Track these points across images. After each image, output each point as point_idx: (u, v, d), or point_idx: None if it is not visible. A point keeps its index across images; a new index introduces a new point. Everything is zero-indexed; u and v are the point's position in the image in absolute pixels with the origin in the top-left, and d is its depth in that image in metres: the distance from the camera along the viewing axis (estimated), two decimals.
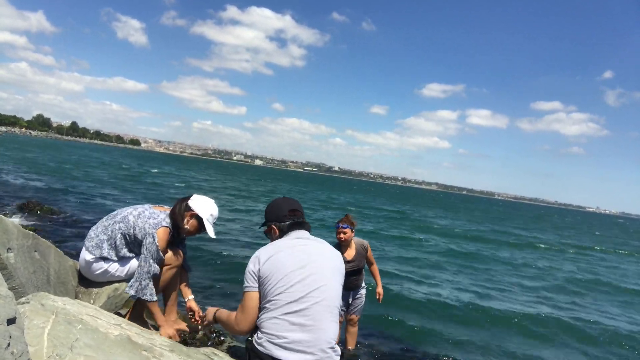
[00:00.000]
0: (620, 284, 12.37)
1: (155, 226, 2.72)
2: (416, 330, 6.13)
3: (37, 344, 1.55)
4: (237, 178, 54.97)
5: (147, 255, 2.68)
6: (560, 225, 46.38)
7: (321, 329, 2.12)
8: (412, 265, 11.12)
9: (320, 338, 2.11)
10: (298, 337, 2.08)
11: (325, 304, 2.17)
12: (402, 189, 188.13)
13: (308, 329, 2.10)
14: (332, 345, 2.17)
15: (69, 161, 36.05)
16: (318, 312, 2.14)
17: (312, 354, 2.08)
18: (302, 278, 2.17)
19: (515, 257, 15.34)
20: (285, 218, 2.38)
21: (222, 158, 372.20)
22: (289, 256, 2.24)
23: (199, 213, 2.82)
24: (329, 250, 2.38)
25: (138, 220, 2.77)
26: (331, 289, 2.24)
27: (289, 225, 2.38)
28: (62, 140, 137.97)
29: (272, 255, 2.24)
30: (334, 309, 2.22)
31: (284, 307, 2.12)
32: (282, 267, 2.19)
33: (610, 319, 8.31)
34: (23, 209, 10.01)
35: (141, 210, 2.83)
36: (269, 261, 2.22)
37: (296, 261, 2.22)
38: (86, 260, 2.86)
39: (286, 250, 2.27)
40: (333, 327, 2.19)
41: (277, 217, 2.41)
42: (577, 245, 23.18)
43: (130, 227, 2.77)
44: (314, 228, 3.73)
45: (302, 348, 2.07)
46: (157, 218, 2.78)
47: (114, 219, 2.85)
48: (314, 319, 2.12)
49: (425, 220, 27.11)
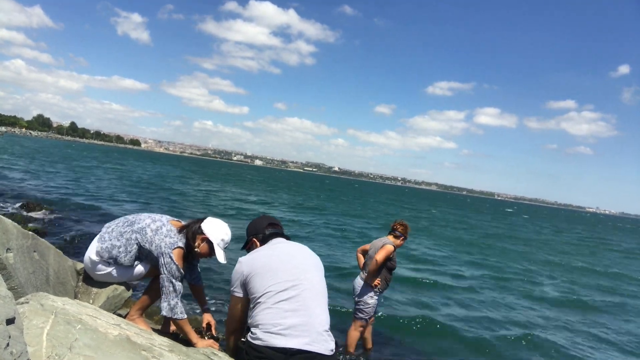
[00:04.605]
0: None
1: (171, 246, 2.71)
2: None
3: (36, 344, 1.55)
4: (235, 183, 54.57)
5: (168, 276, 2.66)
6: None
7: (313, 313, 2.23)
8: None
9: (313, 322, 2.21)
10: (292, 322, 2.17)
11: (315, 291, 2.31)
12: (401, 189, 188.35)
13: (301, 314, 2.20)
14: (326, 329, 2.26)
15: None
16: (308, 297, 2.25)
17: (309, 337, 2.16)
18: (288, 269, 2.31)
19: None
20: (264, 230, 2.55)
21: (222, 158, 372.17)
22: (272, 254, 2.39)
23: (210, 237, 2.80)
24: (308, 250, 2.54)
25: (155, 237, 2.76)
26: (317, 278, 2.39)
27: (269, 234, 2.53)
28: (62, 141, 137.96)
29: (256, 257, 2.39)
30: (322, 297, 2.35)
31: (275, 296, 2.22)
32: (267, 263, 2.33)
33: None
34: (23, 208, 10.01)
35: (159, 225, 2.81)
36: (253, 261, 2.36)
37: (280, 257, 2.37)
38: (92, 260, 2.87)
39: (268, 250, 2.44)
40: (324, 313, 2.30)
41: (257, 230, 2.58)
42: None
43: (146, 241, 2.78)
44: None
45: (298, 332, 2.15)
46: (173, 237, 2.76)
47: (131, 228, 2.84)
48: (305, 305, 2.23)
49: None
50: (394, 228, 4.73)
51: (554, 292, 10.41)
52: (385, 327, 5.99)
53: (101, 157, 53.74)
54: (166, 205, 16.44)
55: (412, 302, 7.65)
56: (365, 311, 4.63)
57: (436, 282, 9.47)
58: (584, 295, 10.53)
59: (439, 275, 10.32)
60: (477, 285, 9.85)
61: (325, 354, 2.18)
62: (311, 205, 27.69)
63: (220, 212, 16.55)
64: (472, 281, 10.28)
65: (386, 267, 4.58)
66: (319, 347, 2.16)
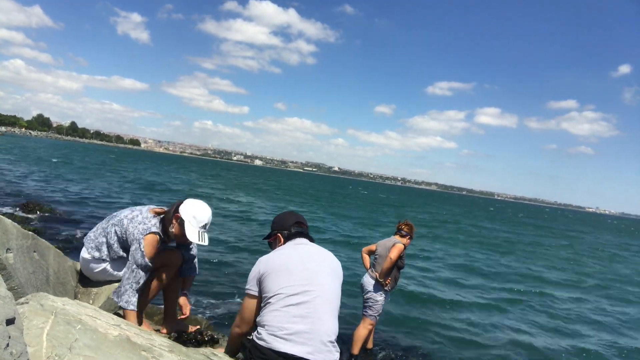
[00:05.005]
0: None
1: (143, 232, 2.68)
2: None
3: (36, 344, 1.55)
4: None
5: (130, 262, 2.65)
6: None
7: (321, 320, 2.19)
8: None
9: (320, 330, 2.17)
10: (298, 328, 2.13)
11: (326, 298, 2.25)
12: (401, 189, 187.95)
13: (308, 321, 2.16)
14: (332, 340, 2.22)
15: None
16: (319, 304, 2.21)
17: (312, 346, 2.12)
18: (304, 273, 2.27)
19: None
20: (290, 227, 2.50)
21: (221, 158, 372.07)
22: (292, 254, 2.35)
23: (182, 216, 2.71)
24: (329, 255, 2.49)
25: (130, 225, 2.74)
26: (331, 286, 2.33)
27: (294, 233, 2.49)
28: (62, 141, 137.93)
29: (274, 256, 2.36)
30: (334, 305, 2.29)
31: (285, 299, 2.19)
32: (285, 263, 2.29)
33: None
34: (23, 209, 10.01)
35: (136, 214, 2.79)
36: (271, 260, 2.33)
37: (298, 258, 2.33)
38: (84, 259, 2.92)
39: (288, 250, 2.40)
40: (332, 322, 2.24)
41: (282, 226, 2.53)
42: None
43: (123, 231, 2.77)
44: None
45: (302, 340, 2.12)
46: (147, 223, 2.72)
47: (111, 221, 2.86)
48: (315, 311, 2.19)
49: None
50: (400, 228, 4.89)
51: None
52: (386, 327, 5.99)
53: (112, 161, 49.87)
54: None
55: (416, 304, 7.64)
56: (374, 308, 4.73)
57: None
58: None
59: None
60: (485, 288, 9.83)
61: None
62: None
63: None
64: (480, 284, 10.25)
65: (396, 265, 4.72)
66: (321, 357, 2.12)
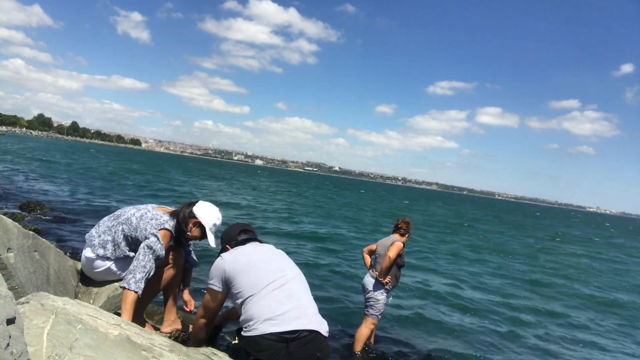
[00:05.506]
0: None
1: (157, 227, 2.72)
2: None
3: (36, 344, 1.55)
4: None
5: (147, 251, 2.63)
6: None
7: (304, 297, 2.33)
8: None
9: (307, 305, 2.31)
10: (288, 307, 2.23)
11: (299, 281, 2.42)
12: (401, 189, 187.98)
13: (294, 299, 2.28)
14: (318, 313, 2.35)
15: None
16: (296, 286, 2.35)
17: (305, 317, 2.23)
18: (272, 265, 2.41)
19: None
20: (237, 236, 2.62)
21: (222, 158, 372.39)
22: (252, 253, 2.48)
23: (202, 222, 2.83)
24: (283, 252, 2.62)
25: (140, 222, 2.77)
26: (299, 272, 2.50)
27: (243, 240, 2.59)
28: (63, 140, 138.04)
29: (238, 254, 2.46)
30: (307, 288, 2.44)
31: (265, 288, 2.28)
32: (249, 261, 2.40)
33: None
34: (23, 208, 10.01)
35: (144, 212, 2.83)
36: (236, 260, 2.41)
37: (261, 255, 2.47)
38: (88, 258, 2.89)
39: (249, 249, 2.52)
40: (312, 304, 2.38)
41: (230, 237, 2.64)
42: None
43: (132, 230, 2.78)
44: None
45: (295, 314, 2.22)
46: (159, 219, 2.78)
47: (117, 220, 2.86)
48: (297, 291, 2.33)
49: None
50: (399, 226, 4.90)
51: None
52: (387, 325, 5.99)
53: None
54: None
55: (418, 303, 7.64)
56: (376, 307, 4.73)
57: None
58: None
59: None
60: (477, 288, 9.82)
61: (323, 334, 2.25)
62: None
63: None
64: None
65: (396, 264, 4.72)
66: (317, 326, 2.24)
